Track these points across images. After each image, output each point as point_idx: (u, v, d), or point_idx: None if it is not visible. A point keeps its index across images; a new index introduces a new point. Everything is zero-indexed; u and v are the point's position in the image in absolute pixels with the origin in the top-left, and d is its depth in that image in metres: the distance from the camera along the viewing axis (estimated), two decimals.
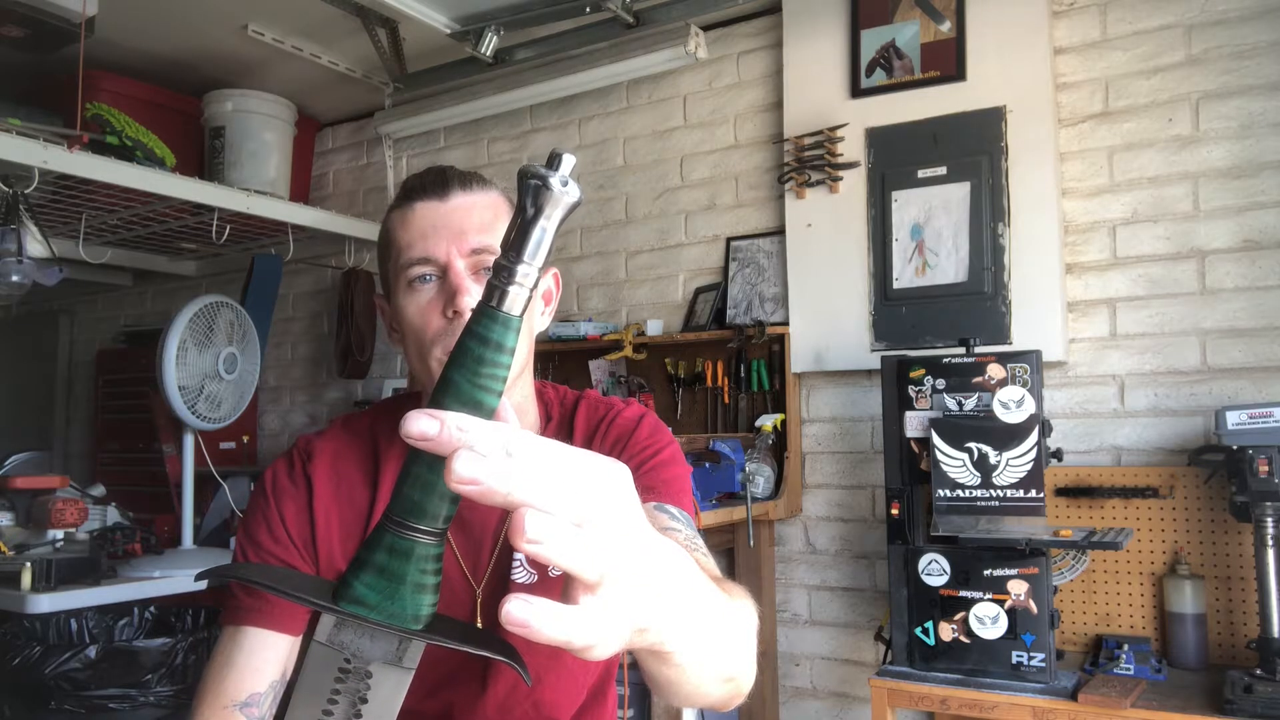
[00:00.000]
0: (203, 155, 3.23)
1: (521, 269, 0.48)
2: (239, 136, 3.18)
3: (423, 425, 0.44)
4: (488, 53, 2.86)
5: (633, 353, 2.80)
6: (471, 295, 0.97)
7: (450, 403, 0.49)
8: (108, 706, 2.17)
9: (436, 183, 1.02)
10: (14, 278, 2.52)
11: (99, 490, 2.90)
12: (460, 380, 0.49)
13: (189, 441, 2.68)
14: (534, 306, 1.04)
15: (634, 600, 0.48)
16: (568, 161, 0.48)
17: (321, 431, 1.11)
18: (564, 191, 0.48)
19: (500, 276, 0.49)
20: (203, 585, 2.58)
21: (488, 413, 0.49)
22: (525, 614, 0.44)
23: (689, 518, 1.00)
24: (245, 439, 3.64)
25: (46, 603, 2.19)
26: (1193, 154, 2.20)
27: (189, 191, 2.80)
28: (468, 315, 0.94)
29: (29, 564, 2.21)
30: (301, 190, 3.57)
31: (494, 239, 1.00)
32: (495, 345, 0.49)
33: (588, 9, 2.66)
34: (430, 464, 0.49)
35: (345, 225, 3.35)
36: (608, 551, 0.45)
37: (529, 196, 0.48)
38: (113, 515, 2.70)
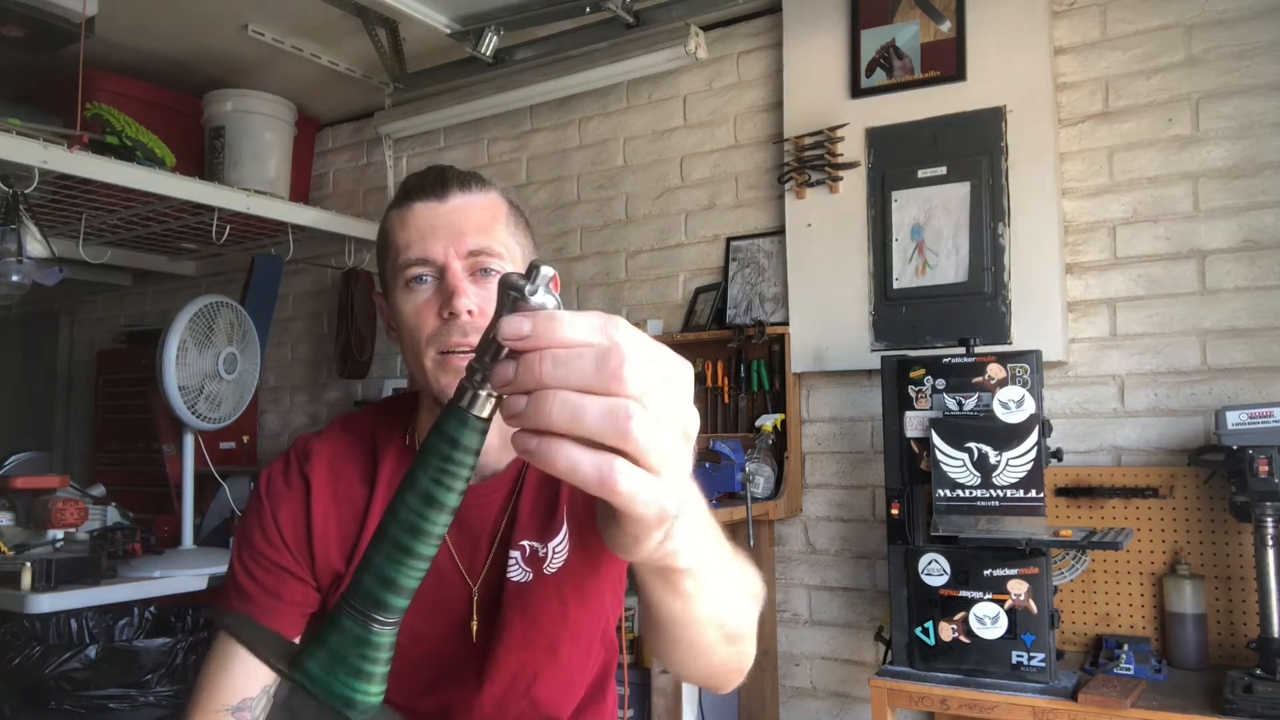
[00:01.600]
0: (203, 155, 3.23)
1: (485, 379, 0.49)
2: (239, 136, 3.18)
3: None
4: (488, 53, 2.86)
5: None
6: (468, 297, 0.97)
7: (412, 499, 0.49)
8: (108, 706, 2.17)
9: (435, 183, 1.02)
10: (14, 278, 2.52)
11: (99, 490, 2.90)
12: (423, 478, 0.49)
13: (189, 441, 2.68)
14: None
15: (676, 491, 0.48)
16: (544, 274, 0.49)
17: (320, 431, 1.12)
18: (538, 305, 0.48)
19: (472, 380, 0.49)
20: (203, 585, 2.57)
21: (450, 510, 0.50)
22: (535, 327, 0.45)
23: None
24: (245, 439, 3.64)
25: (46, 603, 2.19)
26: (1193, 154, 2.20)
27: (189, 191, 2.80)
28: (464, 317, 0.95)
29: (29, 564, 2.21)
30: (301, 190, 3.57)
31: (492, 240, 1.00)
32: (463, 447, 0.49)
33: (588, 9, 2.66)
34: (390, 557, 0.50)
35: (345, 225, 3.35)
36: (678, 449, 0.47)
37: (506, 307, 0.49)
38: (113, 515, 2.70)
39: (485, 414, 0.49)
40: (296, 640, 1.03)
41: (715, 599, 0.62)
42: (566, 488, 1.06)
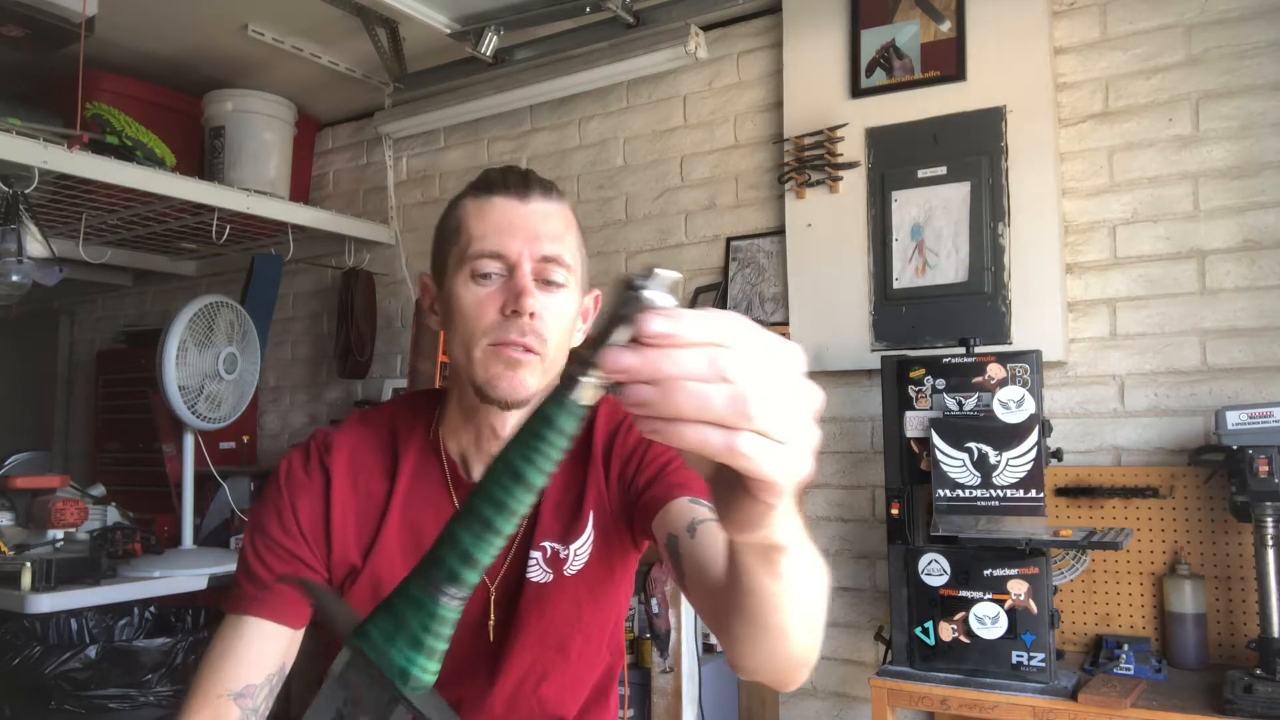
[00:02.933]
0: (203, 155, 3.23)
1: (592, 372, 0.51)
2: (239, 136, 3.18)
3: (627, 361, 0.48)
4: (488, 53, 2.86)
5: None
6: (535, 298, 0.98)
7: (505, 478, 0.51)
8: (108, 706, 2.17)
9: (519, 182, 1.03)
10: (14, 278, 2.52)
11: (99, 490, 2.90)
12: (517, 457, 0.51)
13: (189, 441, 2.68)
14: (576, 321, 1.07)
15: (803, 457, 0.51)
16: (666, 277, 0.51)
17: (340, 424, 1.12)
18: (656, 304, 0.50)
19: (578, 368, 0.51)
20: (203, 585, 2.56)
21: (536, 491, 0.52)
22: (667, 325, 0.47)
23: None
24: (245, 439, 3.64)
25: (46, 603, 2.19)
26: (1193, 154, 2.20)
27: (189, 191, 2.80)
28: (526, 317, 0.96)
29: (29, 564, 2.21)
30: (301, 190, 3.57)
31: (562, 249, 1.01)
32: (558, 429, 0.51)
33: (588, 9, 2.66)
34: (474, 532, 0.52)
35: (345, 225, 3.35)
36: (802, 422, 0.51)
37: (623, 305, 0.50)
38: (113, 515, 2.70)
39: (587, 402, 0.51)
40: (300, 631, 1.03)
41: (804, 583, 0.65)
42: (591, 492, 1.07)
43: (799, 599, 0.66)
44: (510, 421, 1.03)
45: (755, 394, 0.48)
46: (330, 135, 3.75)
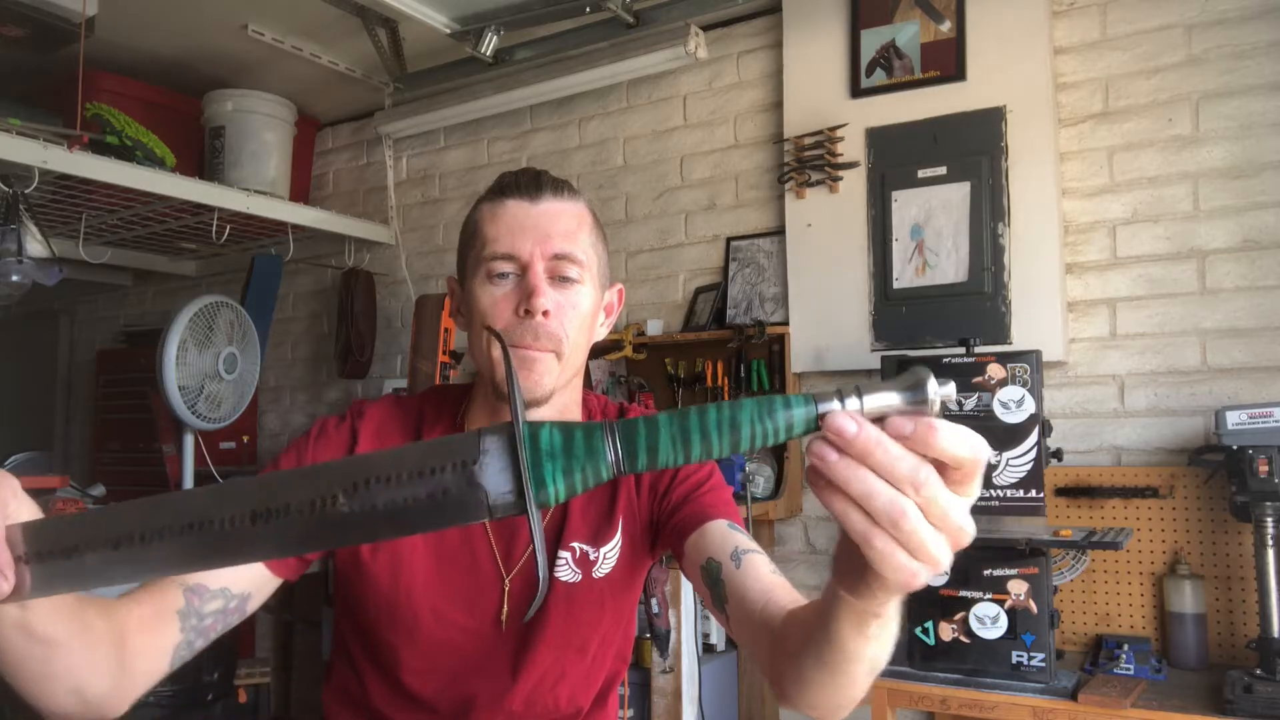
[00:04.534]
0: (203, 155, 3.23)
1: (852, 402, 0.52)
2: (239, 136, 3.18)
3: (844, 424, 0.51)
4: (488, 53, 2.86)
5: (633, 353, 2.80)
6: (546, 297, 0.99)
7: (725, 418, 0.53)
8: None
9: (530, 184, 1.04)
10: (14, 278, 2.52)
11: (99, 490, 2.90)
12: (742, 414, 0.53)
13: (189, 441, 2.68)
14: (596, 316, 1.08)
15: (925, 576, 0.53)
16: (949, 391, 0.52)
17: (375, 400, 1.14)
18: (924, 400, 0.52)
19: (843, 396, 0.53)
20: None
21: (726, 453, 0.54)
22: (846, 424, 0.51)
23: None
24: (245, 439, 3.64)
25: None
26: (1193, 154, 2.20)
27: (189, 191, 2.80)
28: (538, 317, 0.97)
29: None
30: (301, 190, 3.57)
31: (575, 248, 1.02)
32: (785, 425, 0.53)
33: (588, 9, 2.66)
34: (668, 428, 0.54)
35: (345, 225, 3.35)
36: (941, 549, 0.53)
37: (912, 382, 0.52)
38: None
39: (825, 410, 0.53)
40: (278, 581, 0.99)
41: (883, 643, 0.67)
42: (622, 497, 1.09)
43: (875, 655, 0.69)
44: (536, 419, 1.03)
45: (914, 512, 0.51)
46: (330, 135, 3.75)
